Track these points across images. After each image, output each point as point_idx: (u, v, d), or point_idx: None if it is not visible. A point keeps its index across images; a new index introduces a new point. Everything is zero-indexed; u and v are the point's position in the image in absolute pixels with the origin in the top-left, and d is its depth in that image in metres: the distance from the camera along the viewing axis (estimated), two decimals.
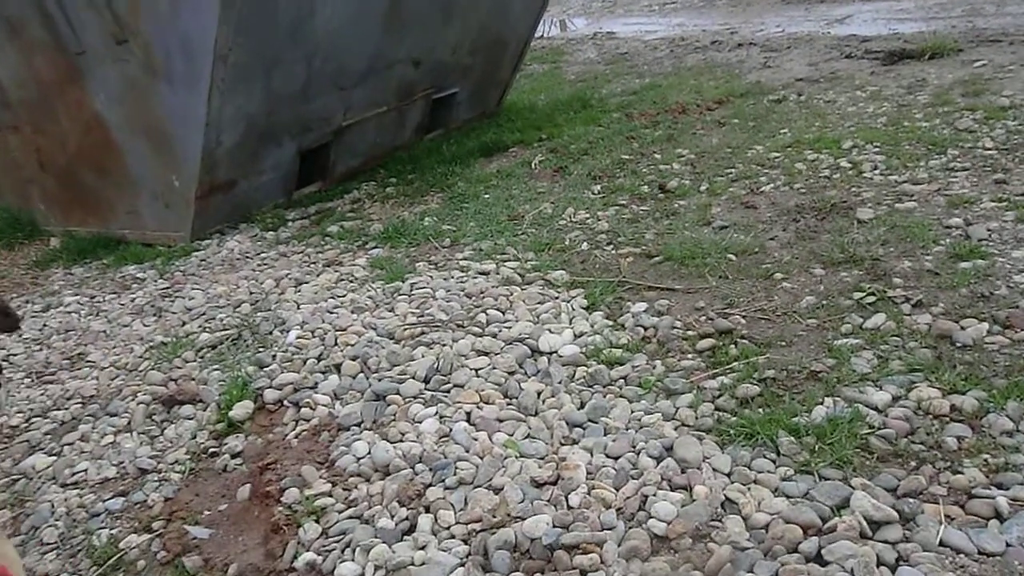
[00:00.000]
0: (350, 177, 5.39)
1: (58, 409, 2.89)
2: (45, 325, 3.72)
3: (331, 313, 3.17)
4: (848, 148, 4.19)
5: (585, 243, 3.61)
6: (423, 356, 2.68)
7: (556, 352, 2.63)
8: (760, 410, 2.22)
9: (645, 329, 2.76)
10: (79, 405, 2.91)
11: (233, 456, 2.46)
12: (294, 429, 2.49)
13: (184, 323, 3.45)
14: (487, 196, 4.53)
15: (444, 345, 2.73)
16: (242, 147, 4.37)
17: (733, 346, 2.57)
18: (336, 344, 2.90)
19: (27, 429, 2.81)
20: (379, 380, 2.57)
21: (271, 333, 3.14)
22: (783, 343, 2.55)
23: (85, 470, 2.50)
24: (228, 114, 4.09)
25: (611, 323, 2.84)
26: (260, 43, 4.00)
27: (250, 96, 4.17)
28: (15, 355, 3.44)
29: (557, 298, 3.06)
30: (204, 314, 3.49)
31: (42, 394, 3.02)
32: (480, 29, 5.79)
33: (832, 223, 3.36)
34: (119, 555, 2.13)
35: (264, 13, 3.91)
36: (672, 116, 5.72)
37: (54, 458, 2.60)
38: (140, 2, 3.83)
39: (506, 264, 3.45)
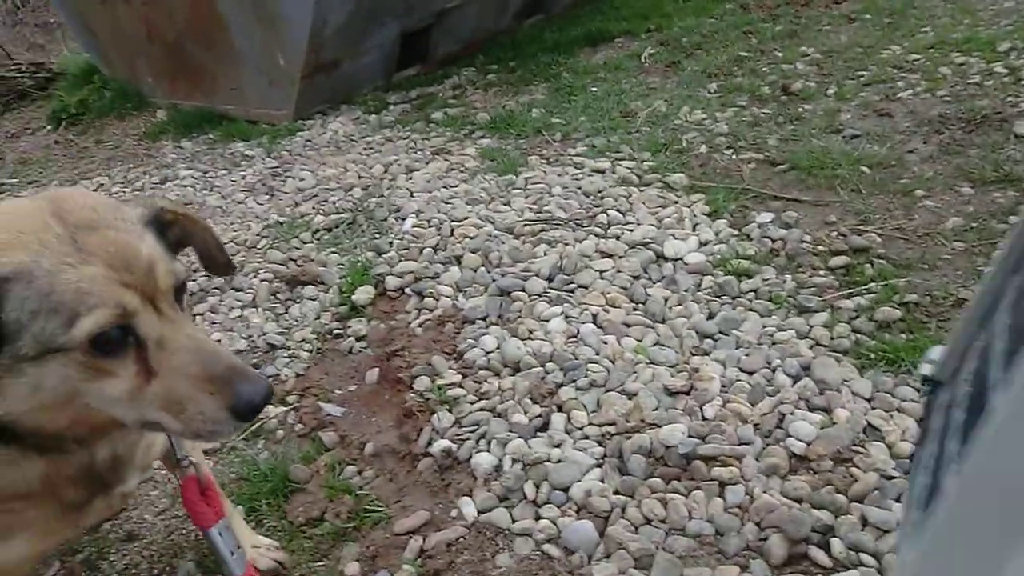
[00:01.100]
0: (449, 62, 5.23)
1: None
2: (164, 197, 3.82)
3: (446, 203, 3.14)
4: (1004, 51, 3.75)
5: (703, 146, 3.44)
6: (545, 254, 2.65)
7: (681, 259, 2.56)
8: (902, 335, 2.13)
9: (772, 241, 2.65)
10: (205, 277, 3.00)
11: (358, 339, 2.52)
12: (417, 318, 2.53)
13: (297, 204, 3.49)
14: (595, 89, 4.34)
15: (566, 244, 2.69)
16: (349, 27, 4.27)
17: (869, 266, 2.44)
18: (452, 235, 2.89)
19: None
20: (503, 275, 2.56)
21: (386, 220, 3.14)
22: (925, 266, 2.41)
23: (219, 340, 2.62)
24: None
25: (736, 232, 2.73)
26: None
27: None
28: None
29: (677, 202, 2.95)
30: (316, 196, 3.52)
31: None
32: None
33: (983, 137, 3.09)
34: (259, 423, 2.25)
35: None
36: (794, 9, 5.27)
37: None
38: None
39: (621, 163, 3.32)
